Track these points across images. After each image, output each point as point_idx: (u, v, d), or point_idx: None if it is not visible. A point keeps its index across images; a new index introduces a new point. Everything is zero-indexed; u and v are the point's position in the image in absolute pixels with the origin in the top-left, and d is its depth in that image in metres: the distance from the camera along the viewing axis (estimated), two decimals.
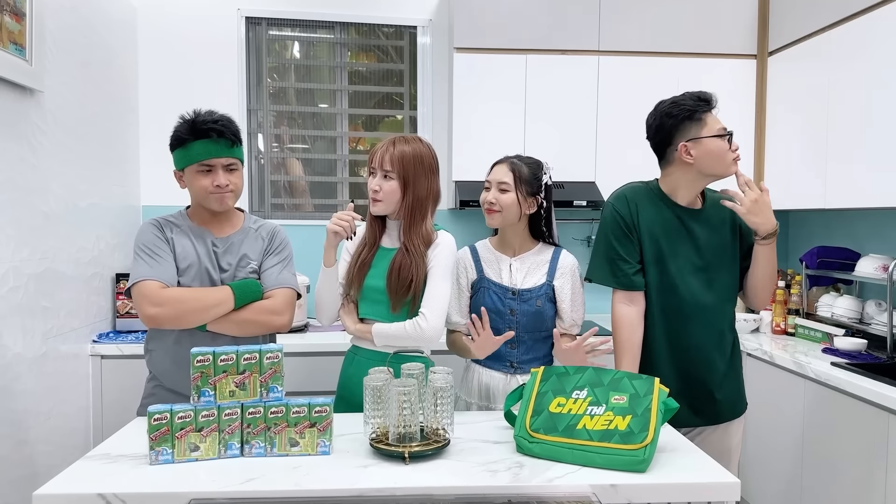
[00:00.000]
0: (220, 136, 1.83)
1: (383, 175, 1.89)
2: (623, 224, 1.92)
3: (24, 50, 2.19)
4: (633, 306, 1.92)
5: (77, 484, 1.36)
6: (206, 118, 1.84)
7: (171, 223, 1.92)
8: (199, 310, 1.79)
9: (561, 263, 2.01)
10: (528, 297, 1.96)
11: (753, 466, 2.94)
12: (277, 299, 1.88)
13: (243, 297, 1.84)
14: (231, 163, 1.87)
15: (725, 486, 1.39)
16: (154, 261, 1.81)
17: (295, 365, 2.69)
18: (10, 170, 2.18)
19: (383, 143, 1.92)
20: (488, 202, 1.97)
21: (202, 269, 1.86)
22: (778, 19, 3.29)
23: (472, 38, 3.25)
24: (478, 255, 2.05)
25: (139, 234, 1.87)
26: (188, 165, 1.84)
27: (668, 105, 1.90)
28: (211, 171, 1.84)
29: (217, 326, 1.82)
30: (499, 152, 2.08)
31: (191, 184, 1.87)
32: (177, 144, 1.86)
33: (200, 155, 1.82)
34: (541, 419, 1.53)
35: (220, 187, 1.84)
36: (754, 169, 3.42)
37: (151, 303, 1.76)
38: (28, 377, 2.28)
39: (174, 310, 1.76)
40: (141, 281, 1.78)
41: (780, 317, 3.17)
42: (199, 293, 1.81)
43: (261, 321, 1.86)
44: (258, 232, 1.97)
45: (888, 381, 2.25)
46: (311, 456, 1.52)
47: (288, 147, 3.70)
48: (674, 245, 1.92)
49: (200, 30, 3.39)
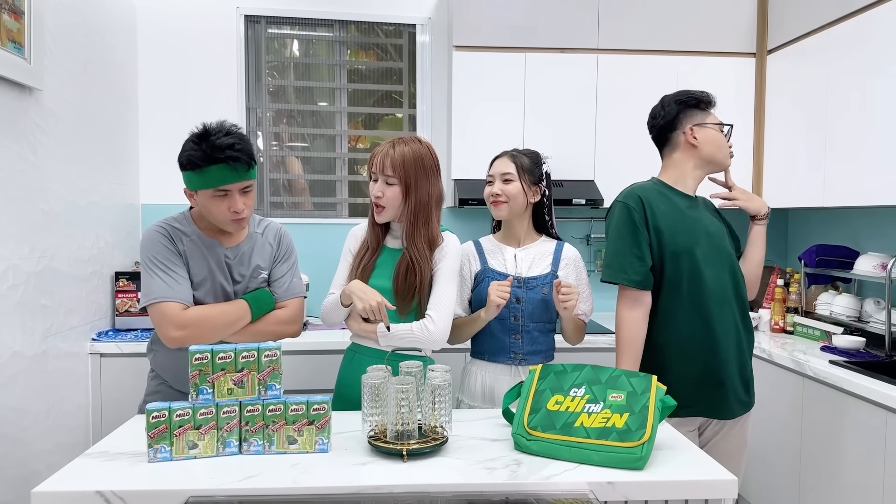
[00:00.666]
0: (236, 161, 1.73)
1: (385, 181, 1.87)
2: (635, 221, 1.92)
3: (23, 48, 2.19)
4: (638, 307, 1.91)
5: (76, 481, 1.36)
6: (223, 142, 1.71)
7: (178, 231, 1.85)
8: (221, 328, 1.80)
9: (565, 254, 2.03)
10: (534, 284, 1.97)
11: (752, 464, 2.94)
12: (290, 310, 1.93)
13: (259, 310, 1.87)
14: (247, 186, 1.80)
15: (723, 483, 1.39)
16: (171, 278, 1.78)
17: (293, 363, 2.70)
18: (10, 168, 2.18)
19: (382, 146, 1.89)
20: (494, 194, 1.98)
21: (216, 284, 1.85)
22: (777, 17, 3.29)
23: (471, 37, 3.25)
24: (481, 247, 2.06)
25: (149, 244, 1.80)
26: (203, 189, 1.76)
27: (677, 93, 2.02)
28: (227, 195, 1.77)
29: (232, 338, 1.83)
30: (498, 150, 2.09)
31: (205, 206, 1.79)
32: (189, 167, 1.75)
33: (217, 181, 1.73)
34: (538, 417, 1.53)
35: (238, 213, 1.79)
36: (753, 167, 3.42)
37: (175, 326, 1.74)
38: (27, 375, 2.28)
39: (198, 331, 1.76)
40: (161, 302, 1.75)
41: (779, 315, 3.18)
42: (218, 312, 1.81)
43: (276, 332, 1.90)
44: (265, 237, 1.95)
45: (886, 380, 2.25)
46: (309, 453, 1.52)
47: (287, 145, 3.70)
48: (693, 234, 1.93)
49: (200, 28, 3.39)
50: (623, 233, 1.93)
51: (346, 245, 2.02)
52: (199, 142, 1.73)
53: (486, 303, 1.87)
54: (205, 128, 1.75)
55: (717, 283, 1.92)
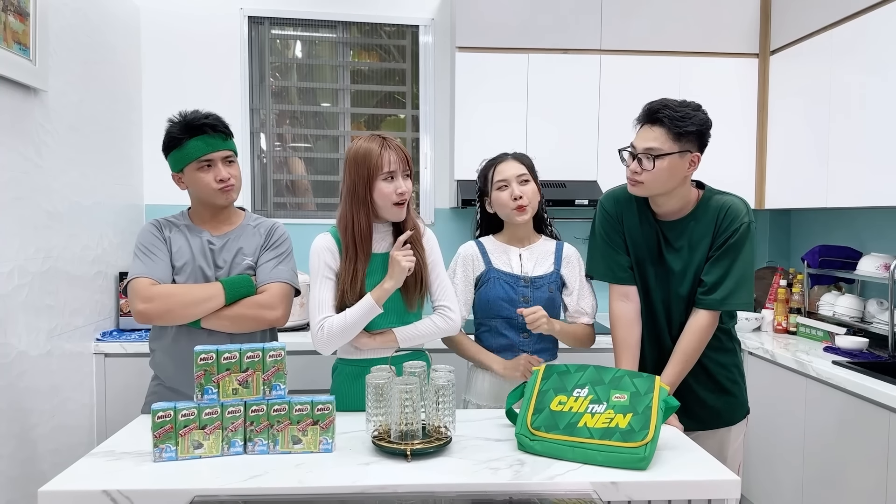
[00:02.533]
0: (214, 130, 1.86)
1: (405, 176, 1.83)
2: (611, 221, 1.95)
3: (28, 50, 2.20)
4: (628, 303, 1.93)
5: (82, 481, 1.37)
6: (198, 115, 1.87)
7: (170, 223, 1.94)
8: (188, 304, 1.80)
9: (566, 253, 2.05)
10: (541, 283, 1.98)
11: (755, 464, 2.94)
12: (270, 293, 1.87)
13: (234, 293, 1.84)
14: (228, 155, 1.90)
15: (726, 483, 1.40)
16: (149, 259, 1.84)
17: (298, 363, 2.70)
18: (15, 169, 2.19)
19: (380, 144, 1.80)
20: (517, 197, 1.93)
21: (196, 267, 1.88)
22: (780, 18, 3.29)
23: (473, 38, 3.25)
24: (484, 248, 2.05)
25: (139, 235, 1.90)
26: (187, 164, 1.86)
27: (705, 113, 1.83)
28: (211, 165, 1.86)
29: (210, 323, 1.84)
30: (501, 151, 2.09)
31: (193, 183, 1.88)
32: (172, 146, 1.88)
33: (199, 150, 1.85)
34: (542, 417, 1.54)
35: (224, 181, 1.86)
36: (756, 168, 3.42)
37: (141, 298, 1.78)
38: (32, 375, 2.29)
39: (163, 305, 1.78)
40: (134, 279, 1.81)
41: (782, 315, 3.18)
42: (188, 288, 1.83)
43: (253, 315, 1.85)
44: (256, 228, 1.98)
45: (889, 380, 2.25)
46: (313, 453, 1.52)
47: (290, 146, 3.71)
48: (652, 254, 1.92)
49: (203, 29, 3.40)
50: (601, 231, 1.97)
51: (320, 261, 1.83)
52: (175, 122, 1.89)
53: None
54: (180, 113, 1.90)
55: (665, 305, 1.92)
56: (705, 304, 1.83)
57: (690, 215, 1.88)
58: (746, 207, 1.86)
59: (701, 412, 1.92)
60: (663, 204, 1.88)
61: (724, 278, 1.81)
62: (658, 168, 1.77)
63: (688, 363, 1.85)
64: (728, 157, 3.30)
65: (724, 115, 1.91)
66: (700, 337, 1.84)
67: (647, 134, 1.79)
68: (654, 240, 1.92)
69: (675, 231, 1.89)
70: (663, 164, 1.77)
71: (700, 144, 1.82)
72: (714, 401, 1.94)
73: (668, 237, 1.90)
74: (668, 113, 1.76)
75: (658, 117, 1.78)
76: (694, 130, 1.77)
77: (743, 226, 1.81)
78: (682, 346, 1.85)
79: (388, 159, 1.79)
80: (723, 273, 1.81)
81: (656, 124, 1.78)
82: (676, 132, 1.76)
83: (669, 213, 1.90)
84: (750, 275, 1.84)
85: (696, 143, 1.80)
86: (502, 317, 1.97)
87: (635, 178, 1.82)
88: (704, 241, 1.85)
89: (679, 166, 1.79)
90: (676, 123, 1.76)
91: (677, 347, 1.86)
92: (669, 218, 1.90)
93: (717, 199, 1.88)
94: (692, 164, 1.81)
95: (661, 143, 1.77)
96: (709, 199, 1.88)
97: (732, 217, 1.82)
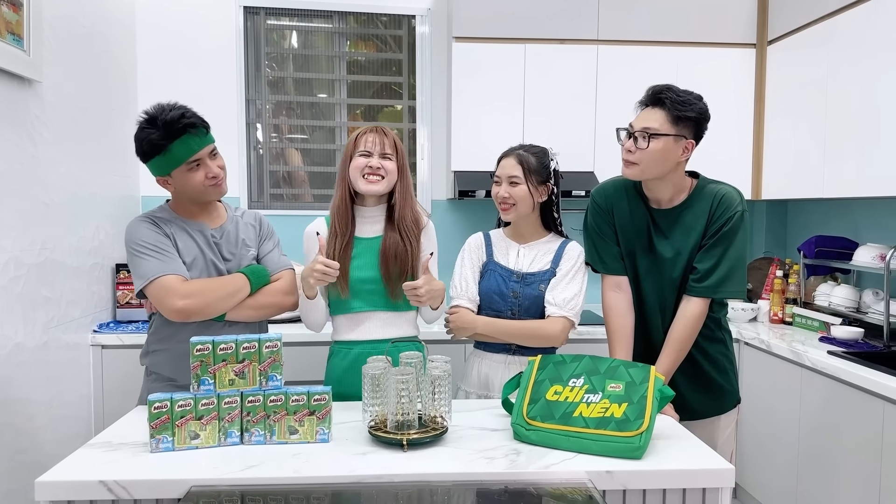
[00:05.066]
0: (194, 128, 1.78)
1: (383, 156, 1.89)
2: (602, 214, 1.97)
3: (22, 40, 2.19)
4: (620, 293, 1.94)
5: (79, 471, 1.37)
6: (174, 115, 1.75)
7: (162, 219, 1.87)
8: (223, 297, 1.81)
9: (566, 251, 2.03)
10: (532, 280, 1.97)
11: (750, 454, 2.96)
12: (286, 280, 1.95)
13: (257, 282, 1.89)
14: (213, 149, 1.86)
15: (721, 472, 1.40)
16: (165, 256, 1.79)
17: (293, 354, 2.70)
18: (10, 160, 2.18)
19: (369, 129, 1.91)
20: (502, 197, 1.96)
21: (208, 262, 1.86)
22: (777, 8, 3.28)
23: (470, 28, 3.24)
24: (490, 240, 2.07)
25: (134, 232, 1.81)
26: (176, 168, 1.80)
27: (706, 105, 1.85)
28: (200, 164, 1.81)
29: (236, 314, 1.85)
30: (498, 142, 2.09)
31: (183, 184, 1.83)
32: (154, 152, 1.78)
33: (187, 153, 1.78)
34: (538, 407, 1.54)
35: (216, 177, 1.84)
36: (753, 158, 3.41)
37: (179, 296, 1.74)
38: (29, 367, 2.29)
39: (202, 300, 1.77)
40: (160, 277, 1.75)
41: (778, 306, 3.19)
42: (219, 282, 1.84)
43: (276, 303, 1.92)
44: (245, 219, 2.00)
45: (885, 370, 2.26)
46: (310, 443, 1.53)
47: (287, 137, 3.70)
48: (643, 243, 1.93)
49: (198, 19, 3.38)
50: (592, 222, 2.00)
51: (309, 242, 1.95)
52: (151, 126, 1.77)
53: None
54: (148, 114, 1.78)
55: (655, 296, 1.93)
56: (697, 292, 1.85)
57: (683, 204, 1.89)
58: (740, 196, 1.87)
59: (691, 401, 1.93)
60: (655, 188, 1.90)
61: (717, 266, 1.83)
62: (652, 148, 1.79)
63: (681, 352, 1.86)
64: (725, 147, 3.30)
65: (721, 105, 1.92)
66: (692, 324, 1.86)
67: (647, 115, 1.82)
68: (645, 228, 1.93)
69: (667, 219, 1.90)
70: (658, 144, 1.79)
71: (696, 133, 1.83)
72: (704, 390, 1.95)
73: (659, 225, 1.92)
74: (671, 95, 1.79)
75: (660, 98, 1.81)
76: (693, 117, 1.80)
77: (737, 214, 1.83)
78: (674, 334, 1.86)
79: (367, 140, 1.90)
80: (716, 261, 1.83)
81: (657, 105, 1.81)
82: (676, 115, 1.79)
83: (662, 201, 1.91)
84: (743, 263, 1.86)
85: (693, 131, 1.82)
86: (493, 309, 1.97)
87: (629, 158, 1.83)
88: (697, 228, 1.87)
89: (673, 150, 1.80)
90: (677, 107, 1.78)
91: (670, 336, 1.87)
92: (662, 206, 1.91)
93: (710, 187, 1.89)
94: (686, 151, 1.82)
95: (659, 124, 1.79)
96: (703, 188, 1.90)
97: (726, 206, 1.84)
